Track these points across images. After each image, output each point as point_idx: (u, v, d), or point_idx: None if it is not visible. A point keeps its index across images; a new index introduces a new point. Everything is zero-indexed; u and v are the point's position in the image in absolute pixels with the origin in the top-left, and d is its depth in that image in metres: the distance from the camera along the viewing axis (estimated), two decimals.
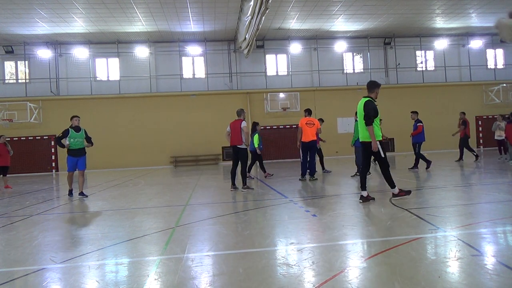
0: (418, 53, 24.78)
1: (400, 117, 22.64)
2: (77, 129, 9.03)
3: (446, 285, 2.82)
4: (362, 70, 24.36)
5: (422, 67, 24.84)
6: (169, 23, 19.87)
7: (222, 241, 4.50)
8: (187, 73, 23.20)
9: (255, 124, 12.37)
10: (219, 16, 19.37)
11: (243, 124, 8.98)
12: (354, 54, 24.45)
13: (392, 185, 6.59)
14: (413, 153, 12.67)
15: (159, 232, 5.08)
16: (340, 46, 23.68)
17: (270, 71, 23.72)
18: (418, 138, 12.45)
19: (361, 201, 6.54)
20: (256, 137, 11.92)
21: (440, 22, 22.18)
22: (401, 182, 8.95)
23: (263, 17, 16.04)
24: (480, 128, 24.20)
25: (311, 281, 3.07)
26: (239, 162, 9.10)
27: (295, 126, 22.39)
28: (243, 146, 8.98)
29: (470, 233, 4.32)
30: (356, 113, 10.80)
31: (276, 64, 23.87)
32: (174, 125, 21.86)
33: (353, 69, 24.38)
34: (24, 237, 5.13)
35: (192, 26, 20.49)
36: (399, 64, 24.15)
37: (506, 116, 14.57)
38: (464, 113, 15.47)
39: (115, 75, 22.72)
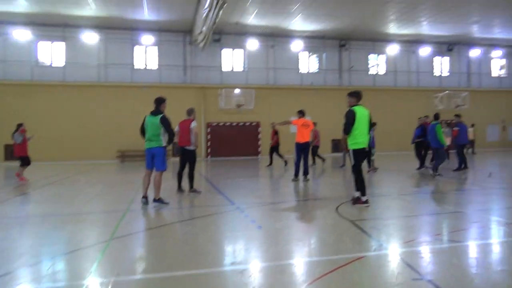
0: (371, 56, 25.45)
1: None
2: None
3: None
4: (317, 70, 24.62)
5: (374, 71, 25.55)
6: (121, 9, 18.81)
7: (159, 260, 4.17)
8: (138, 63, 22.18)
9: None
10: (176, 6, 18.62)
11: (193, 124, 8.62)
12: (310, 54, 24.63)
13: (362, 191, 6.75)
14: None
15: (90, 248, 4.64)
16: (296, 45, 23.73)
17: (226, 66, 23.30)
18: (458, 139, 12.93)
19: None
20: None
21: (393, 28, 22.87)
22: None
23: (221, 11, 15.64)
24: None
25: None
26: (187, 164, 8.74)
27: (249, 123, 22.26)
28: (192, 148, 8.62)
29: (412, 252, 4.31)
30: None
31: (232, 60, 23.48)
32: (122, 117, 20.77)
33: (308, 69, 24.57)
34: None
35: (147, 13, 19.55)
36: (352, 66, 24.67)
37: (449, 121, 15.21)
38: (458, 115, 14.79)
39: (59, 61, 21.22)
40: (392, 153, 22.35)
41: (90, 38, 21.12)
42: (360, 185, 6.77)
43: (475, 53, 26.97)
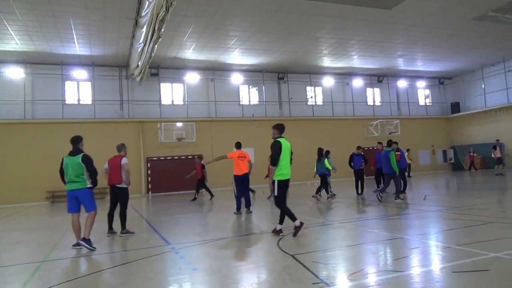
0: (308, 88, 26.37)
1: (293, 148, 23.51)
2: None
3: None
4: (257, 102, 24.94)
5: (312, 102, 26.43)
6: (50, 44, 17.84)
7: None
8: (70, 99, 21.00)
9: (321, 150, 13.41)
10: (109, 41, 18.06)
11: (124, 160, 8.06)
12: (250, 86, 24.99)
13: (292, 219, 6.72)
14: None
15: None
16: (236, 78, 24.01)
17: (165, 100, 22.84)
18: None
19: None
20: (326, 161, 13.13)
21: (327, 62, 23.99)
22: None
23: (156, 45, 15.38)
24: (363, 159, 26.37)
25: None
26: (118, 203, 8.10)
27: (190, 156, 21.68)
28: (123, 186, 8.02)
29: (355, 286, 4.11)
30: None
31: (172, 93, 23.10)
32: (52, 155, 19.14)
33: (249, 101, 24.82)
34: None
35: (78, 49, 18.74)
36: (291, 98, 25.34)
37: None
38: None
39: None
40: (332, 179, 22.79)
41: (14, 73, 19.72)
42: (288, 214, 6.80)
43: (402, 84, 29.05)
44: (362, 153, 14.67)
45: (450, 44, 21.68)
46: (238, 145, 10.91)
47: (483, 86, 27.55)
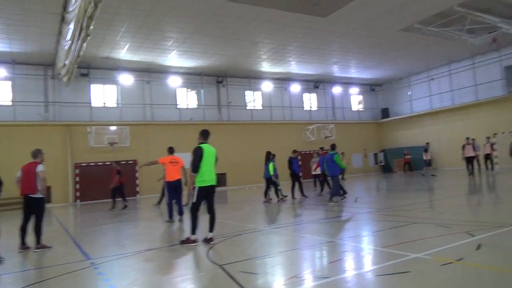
0: (247, 92, 26.42)
1: (232, 152, 23.55)
2: None
3: None
4: (196, 106, 24.47)
5: (251, 106, 26.51)
6: None
7: None
8: None
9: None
10: (32, 37, 16.63)
11: (39, 168, 7.32)
12: (188, 90, 24.45)
13: (192, 231, 6.66)
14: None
15: None
16: (174, 81, 23.35)
17: (97, 102, 21.55)
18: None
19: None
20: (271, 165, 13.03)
21: (266, 66, 24.20)
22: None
23: (85, 44, 14.37)
24: (299, 163, 26.92)
25: None
26: (32, 215, 7.31)
27: (124, 162, 20.63)
28: (39, 195, 7.27)
29: None
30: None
31: (103, 95, 21.85)
32: None
33: (187, 105, 24.28)
34: None
35: None
36: (230, 102, 25.21)
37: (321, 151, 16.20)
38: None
39: None
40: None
41: None
42: (193, 224, 6.70)
43: (337, 90, 30.20)
44: (299, 156, 14.96)
45: (380, 53, 22.92)
46: (171, 150, 10.49)
47: (409, 93, 29.53)
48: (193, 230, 6.67)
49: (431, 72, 27.70)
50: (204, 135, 7.09)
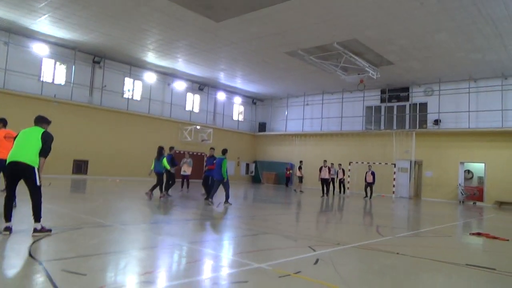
0: (127, 80, 24.73)
1: (98, 139, 21.80)
2: None
3: None
4: (64, 83, 21.82)
5: (129, 95, 24.86)
6: None
7: None
8: None
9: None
10: None
11: None
12: (57, 63, 21.70)
13: (38, 219, 5.81)
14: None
15: None
16: (40, 49, 20.40)
17: None
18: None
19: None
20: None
21: (151, 57, 22.98)
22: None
23: None
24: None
25: None
26: None
27: None
28: None
29: None
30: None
31: None
32: None
33: (53, 79, 21.49)
34: None
35: None
36: (105, 86, 23.22)
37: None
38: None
39: None
40: (139, 178, 21.77)
41: None
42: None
43: (221, 96, 30.50)
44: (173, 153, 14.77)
45: (264, 70, 23.89)
46: (3, 123, 8.75)
47: (286, 113, 31.50)
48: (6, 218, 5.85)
49: (308, 97, 30.07)
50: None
